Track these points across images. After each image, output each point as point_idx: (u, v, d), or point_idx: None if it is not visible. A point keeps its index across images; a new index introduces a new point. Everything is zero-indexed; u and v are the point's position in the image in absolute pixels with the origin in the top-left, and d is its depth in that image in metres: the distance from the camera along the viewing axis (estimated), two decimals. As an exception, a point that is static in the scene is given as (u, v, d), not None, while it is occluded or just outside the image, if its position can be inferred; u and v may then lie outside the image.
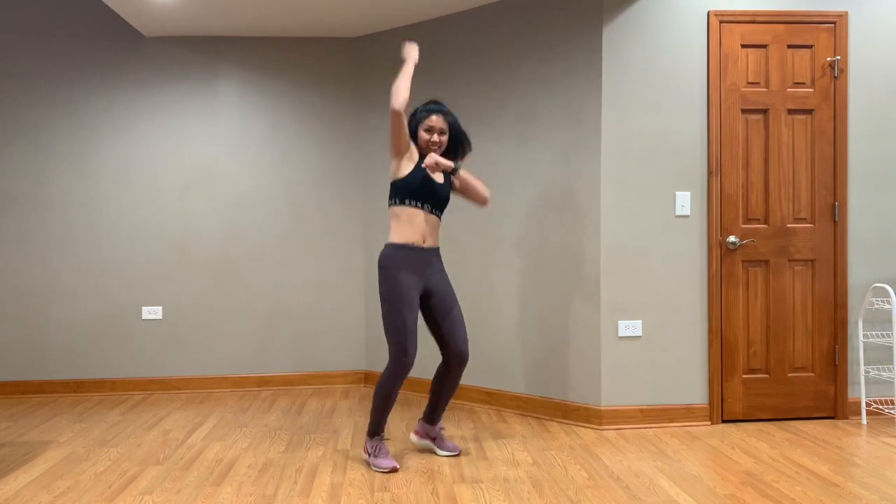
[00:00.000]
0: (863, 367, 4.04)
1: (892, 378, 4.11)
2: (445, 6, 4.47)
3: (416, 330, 3.34)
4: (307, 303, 5.14)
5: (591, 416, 4.01)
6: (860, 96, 4.10)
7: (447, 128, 3.48)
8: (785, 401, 4.08)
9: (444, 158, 3.47)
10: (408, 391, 4.89)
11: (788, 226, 4.08)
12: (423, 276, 3.40)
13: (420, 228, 3.38)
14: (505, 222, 4.40)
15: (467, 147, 3.57)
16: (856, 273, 4.13)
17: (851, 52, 4.09)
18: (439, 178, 3.48)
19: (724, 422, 4.07)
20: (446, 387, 3.51)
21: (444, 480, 3.19)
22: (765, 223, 4.07)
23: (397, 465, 3.32)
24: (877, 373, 4.10)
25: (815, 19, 4.04)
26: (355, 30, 4.97)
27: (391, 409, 3.40)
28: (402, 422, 4.18)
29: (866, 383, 4.13)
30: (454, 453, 3.55)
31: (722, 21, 4.00)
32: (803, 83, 4.07)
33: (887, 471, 3.27)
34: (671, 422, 4.02)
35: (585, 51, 4.04)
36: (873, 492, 3.01)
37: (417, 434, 3.63)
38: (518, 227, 4.34)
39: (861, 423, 4.01)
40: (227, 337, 5.08)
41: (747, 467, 3.34)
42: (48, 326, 4.97)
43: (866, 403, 4.12)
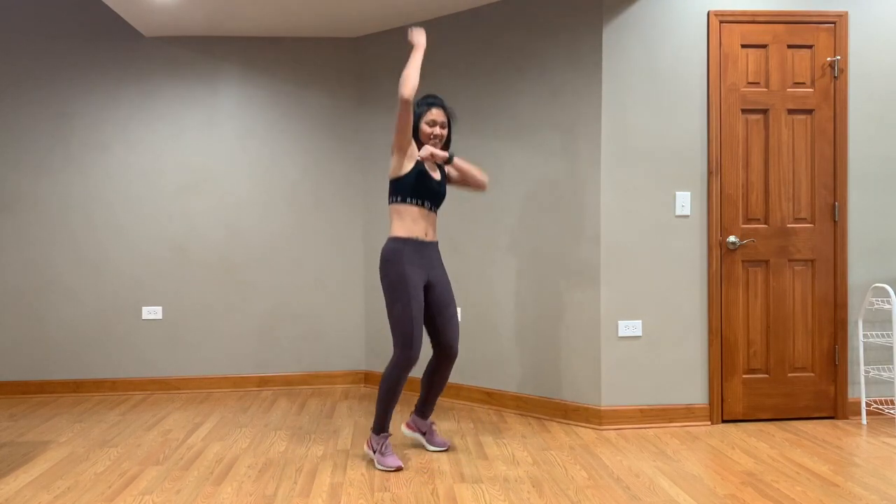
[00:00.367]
0: (863, 367, 4.04)
1: (892, 378, 4.11)
2: (445, 6, 4.47)
3: (422, 323, 3.36)
4: (307, 303, 5.15)
5: (591, 416, 4.01)
6: (860, 96, 4.10)
7: (447, 121, 3.53)
8: (785, 401, 4.08)
9: (439, 150, 3.48)
10: (408, 391, 4.89)
11: (788, 226, 4.08)
12: (426, 270, 3.43)
13: (422, 224, 3.41)
14: (505, 222, 4.40)
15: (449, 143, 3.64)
16: (856, 273, 4.13)
17: (851, 52, 4.09)
18: (436, 175, 3.51)
19: (724, 422, 4.07)
20: (436, 381, 3.56)
21: (443, 480, 3.19)
22: (765, 223, 4.07)
23: (402, 465, 3.33)
24: (877, 373, 4.10)
25: (815, 19, 4.04)
26: (355, 30, 4.97)
27: (396, 404, 3.41)
28: (402, 421, 4.18)
29: (866, 383, 4.13)
30: (443, 448, 3.60)
31: (722, 21, 4.00)
32: (803, 83, 4.07)
33: (887, 471, 3.27)
34: (671, 422, 4.02)
35: (585, 51, 4.04)
36: (873, 492, 3.01)
37: (409, 427, 3.68)
38: (518, 227, 4.34)
39: (861, 423, 4.01)
40: (227, 337, 5.08)
41: (747, 467, 3.34)
42: (48, 326, 4.97)
43: (866, 403, 4.12)
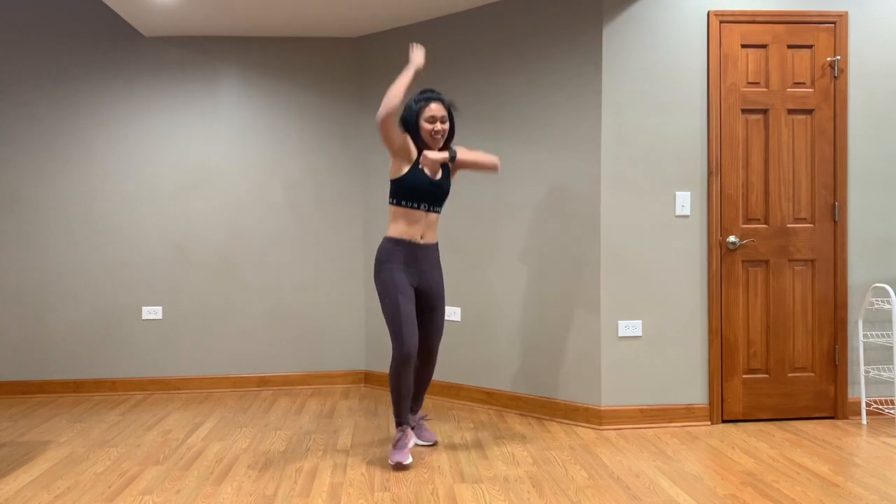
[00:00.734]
0: (863, 367, 4.04)
1: (892, 378, 4.11)
2: (445, 6, 4.47)
3: (415, 319, 3.36)
4: (307, 303, 5.15)
5: (591, 416, 4.01)
6: (860, 96, 4.10)
7: (447, 115, 3.45)
8: (785, 401, 4.08)
9: (438, 152, 3.42)
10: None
11: (788, 226, 4.08)
12: (417, 272, 3.43)
13: (418, 227, 3.39)
14: (505, 222, 4.40)
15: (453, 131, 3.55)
16: (856, 273, 4.13)
17: (851, 52, 4.09)
18: (437, 174, 3.46)
19: (724, 422, 4.07)
20: (419, 380, 3.64)
21: (443, 480, 3.19)
22: (765, 223, 4.07)
23: (403, 462, 3.33)
24: (877, 373, 4.10)
25: (815, 19, 4.04)
26: (355, 30, 4.97)
27: (407, 399, 3.42)
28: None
29: (866, 383, 4.13)
30: (429, 443, 3.68)
31: (722, 21, 4.00)
32: (803, 83, 4.07)
33: (887, 471, 3.27)
34: (671, 422, 4.02)
35: (585, 51, 4.04)
36: (873, 492, 3.01)
37: None
38: (518, 228, 4.34)
39: (861, 423, 4.01)
40: (227, 337, 5.08)
41: (747, 467, 3.34)
42: (48, 326, 4.97)
43: (866, 403, 4.12)
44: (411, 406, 3.65)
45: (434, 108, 3.40)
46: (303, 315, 5.14)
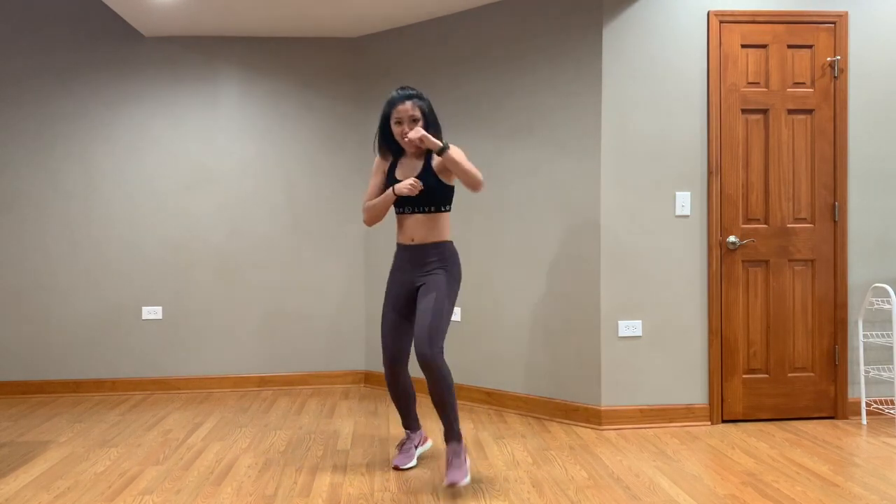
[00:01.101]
0: (863, 367, 4.04)
1: (892, 378, 4.11)
2: (446, 6, 4.47)
3: (397, 329, 3.29)
4: (307, 303, 5.14)
5: (591, 416, 4.01)
6: (860, 96, 4.10)
7: (420, 114, 3.17)
8: (785, 401, 4.08)
9: (428, 137, 3.12)
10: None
11: (788, 226, 4.08)
12: (412, 274, 3.31)
13: (408, 231, 3.30)
14: (505, 222, 4.40)
15: (439, 135, 3.26)
16: (856, 273, 4.13)
17: (851, 52, 4.09)
18: (414, 172, 3.25)
19: (724, 422, 4.07)
20: (432, 395, 3.18)
21: (444, 480, 3.19)
22: (765, 223, 4.07)
23: (401, 466, 3.35)
24: (877, 373, 4.10)
25: (815, 19, 4.04)
26: (355, 30, 4.97)
27: (403, 405, 3.41)
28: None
29: (866, 383, 4.13)
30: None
31: (722, 21, 4.00)
32: (803, 83, 4.07)
33: (887, 471, 3.27)
34: (671, 422, 4.02)
35: (585, 51, 4.04)
36: (873, 492, 3.01)
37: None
38: (518, 227, 4.34)
39: (861, 423, 4.01)
40: (227, 337, 5.08)
41: (747, 467, 3.34)
42: (48, 326, 4.96)
43: (866, 403, 4.12)
44: (413, 423, 3.48)
45: (401, 110, 3.17)
46: (303, 315, 5.14)
